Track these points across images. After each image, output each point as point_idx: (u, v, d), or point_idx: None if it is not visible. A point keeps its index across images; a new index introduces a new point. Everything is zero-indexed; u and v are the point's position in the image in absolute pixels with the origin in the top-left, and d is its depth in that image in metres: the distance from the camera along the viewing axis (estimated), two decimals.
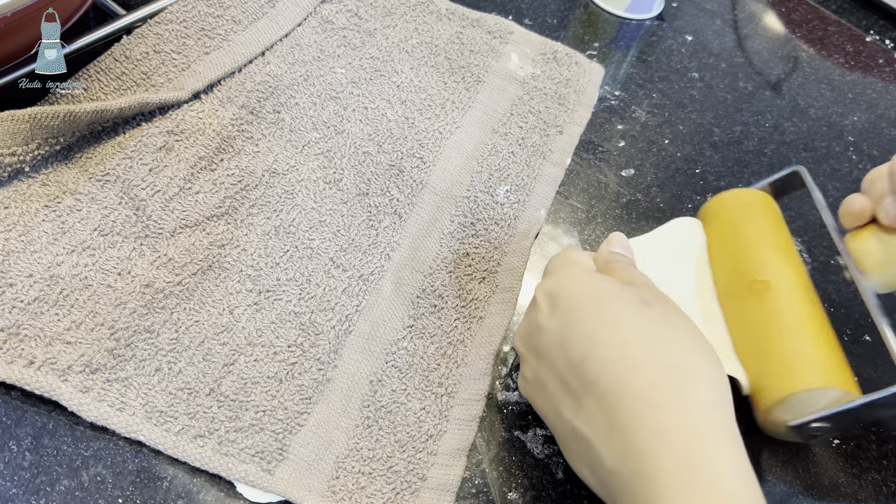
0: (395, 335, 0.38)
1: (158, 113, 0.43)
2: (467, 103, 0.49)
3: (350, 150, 0.45)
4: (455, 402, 0.36)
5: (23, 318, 0.34)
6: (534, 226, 0.44)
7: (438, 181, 0.44)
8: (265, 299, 0.38)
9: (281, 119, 0.45)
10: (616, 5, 0.59)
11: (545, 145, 0.48)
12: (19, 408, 0.33)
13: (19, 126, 0.37)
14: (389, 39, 0.51)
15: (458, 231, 0.43)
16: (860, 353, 0.43)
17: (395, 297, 0.40)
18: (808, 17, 0.65)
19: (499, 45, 0.53)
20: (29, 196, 0.38)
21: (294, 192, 0.42)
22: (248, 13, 0.48)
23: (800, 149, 0.54)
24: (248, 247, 0.40)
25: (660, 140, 0.52)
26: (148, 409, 0.33)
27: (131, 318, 0.35)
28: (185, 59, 0.45)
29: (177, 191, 0.40)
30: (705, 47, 0.59)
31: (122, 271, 0.37)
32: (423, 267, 0.41)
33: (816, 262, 0.47)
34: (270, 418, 0.34)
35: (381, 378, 0.37)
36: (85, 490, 0.32)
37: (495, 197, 0.45)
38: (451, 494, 0.34)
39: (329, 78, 0.48)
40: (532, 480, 0.35)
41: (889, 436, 0.40)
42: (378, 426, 0.35)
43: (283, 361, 0.36)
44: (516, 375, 0.38)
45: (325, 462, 0.34)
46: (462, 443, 0.35)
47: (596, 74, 0.54)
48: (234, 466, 0.33)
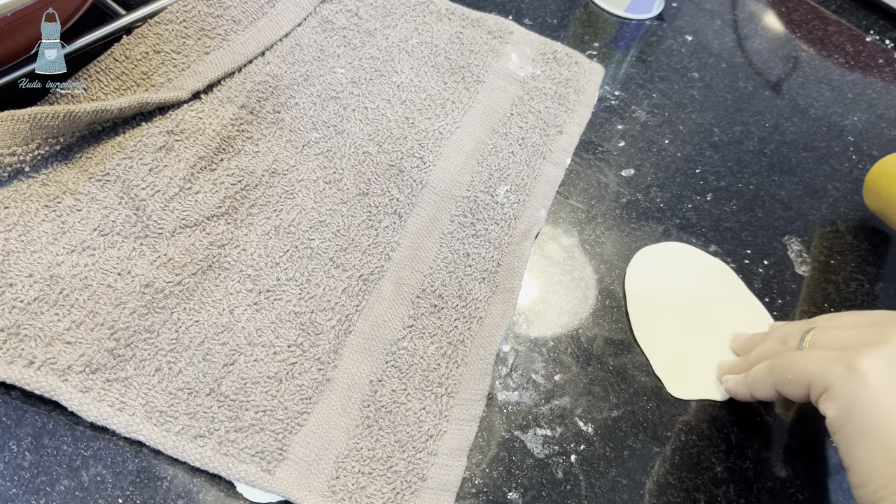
0: (395, 335, 0.38)
1: (158, 113, 0.43)
2: (467, 103, 0.49)
3: (350, 150, 0.45)
4: (455, 402, 0.36)
5: (23, 318, 0.34)
6: (534, 226, 0.44)
7: (438, 181, 0.44)
8: (265, 299, 0.38)
9: (281, 119, 0.45)
10: (616, 5, 0.59)
11: (545, 145, 0.48)
12: (19, 408, 0.33)
13: (19, 126, 0.37)
14: (389, 39, 0.51)
15: (458, 231, 0.43)
16: None
17: (396, 297, 0.40)
18: (808, 17, 0.65)
19: (499, 45, 0.53)
20: (29, 196, 0.38)
21: (294, 192, 0.42)
22: (248, 13, 0.48)
23: (800, 149, 0.54)
24: (248, 247, 0.40)
25: (660, 140, 0.52)
26: (148, 409, 0.33)
27: (131, 318, 0.35)
28: (185, 59, 0.45)
29: (177, 191, 0.40)
30: (705, 47, 0.59)
31: (122, 271, 0.37)
32: (423, 267, 0.41)
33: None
34: (270, 418, 0.34)
35: (381, 378, 0.37)
36: (85, 490, 0.32)
37: (495, 197, 0.45)
38: (451, 494, 0.34)
39: (329, 78, 0.48)
40: (532, 480, 0.35)
41: None
42: (378, 426, 0.35)
43: (283, 361, 0.36)
44: (516, 375, 0.39)
45: (325, 462, 0.34)
46: (462, 443, 0.35)
47: (596, 74, 0.54)
48: (234, 466, 0.33)
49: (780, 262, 0.47)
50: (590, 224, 0.46)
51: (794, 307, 0.44)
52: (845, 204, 0.51)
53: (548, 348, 0.40)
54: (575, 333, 0.41)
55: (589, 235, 0.46)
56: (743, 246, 0.47)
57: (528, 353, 0.40)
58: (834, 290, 0.46)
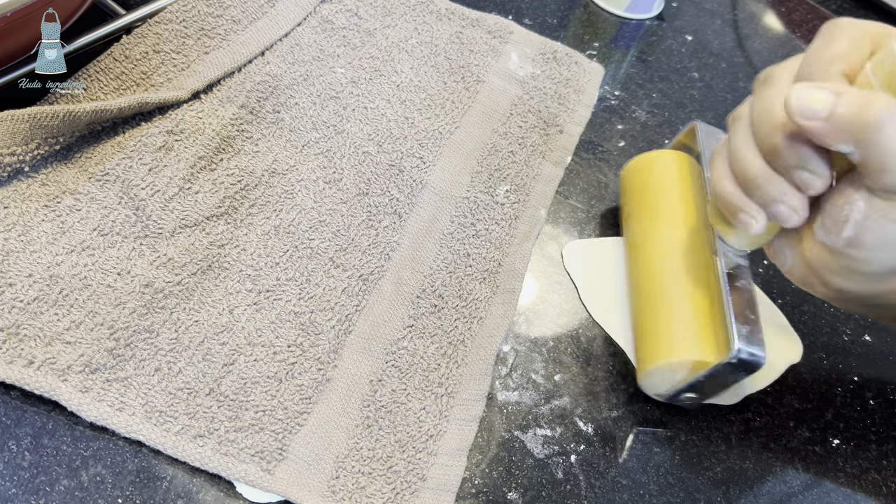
0: (396, 335, 0.38)
1: (158, 113, 0.43)
2: (467, 103, 0.49)
3: (350, 150, 0.45)
4: (455, 402, 0.36)
5: (22, 317, 0.34)
6: (534, 226, 0.44)
7: (438, 181, 0.44)
8: (265, 299, 0.38)
9: (280, 119, 0.45)
10: (616, 5, 0.59)
11: (545, 144, 0.48)
12: (19, 408, 0.33)
13: (19, 126, 0.37)
14: (389, 39, 0.51)
15: (458, 231, 0.43)
16: (860, 353, 0.43)
17: (396, 297, 0.40)
18: (808, 17, 0.65)
19: (499, 45, 0.53)
20: (28, 196, 0.38)
21: (294, 192, 0.42)
22: (248, 13, 0.48)
23: None
24: (247, 246, 0.40)
25: (660, 140, 0.52)
26: (147, 408, 0.33)
27: (131, 318, 0.35)
28: (185, 58, 0.45)
29: (176, 191, 0.40)
30: (705, 47, 0.59)
31: (121, 271, 0.37)
32: (423, 267, 0.41)
33: None
34: (270, 418, 0.34)
35: (382, 378, 0.37)
36: (84, 490, 0.32)
37: (495, 197, 0.45)
38: (451, 494, 0.34)
39: (329, 77, 0.48)
40: (532, 480, 0.35)
41: (889, 435, 0.40)
42: (378, 426, 0.35)
43: (283, 361, 0.36)
44: (516, 375, 0.39)
45: (325, 462, 0.34)
46: (462, 443, 0.35)
47: (596, 74, 0.54)
48: (233, 466, 0.33)
49: None
50: (590, 224, 0.46)
51: (795, 307, 0.44)
52: None
53: (548, 348, 0.40)
54: (575, 333, 0.41)
55: (589, 235, 0.46)
56: None
57: (528, 353, 0.40)
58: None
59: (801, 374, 0.42)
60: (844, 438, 0.39)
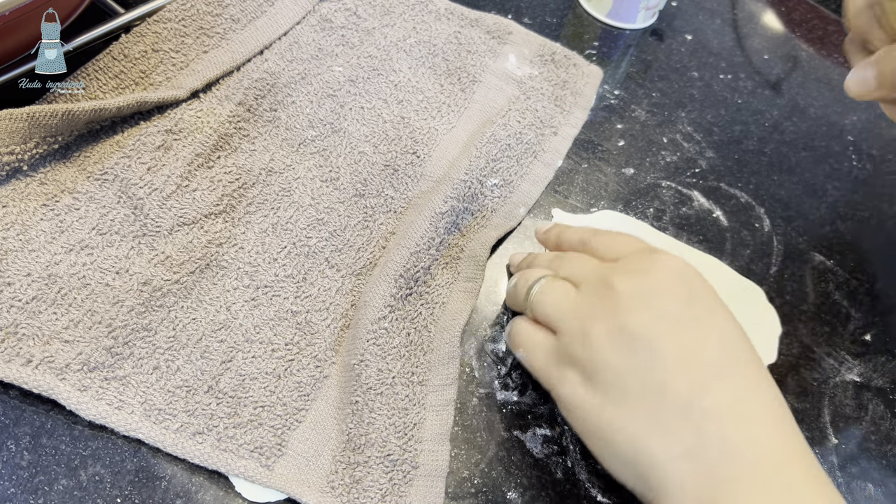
0: (377, 314, 0.38)
1: (157, 112, 0.43)
2: (463, 104, 0.49)
3: (346, 150, 0.45)
4: (428, 389, 0.37)
5: (21, 316, 0.34)
6: (509, 221, 0.44)
7: (434, 169, 0.45)
8: (263, 295, 0.38)
9: (277, 117, 0.45)
10: (599, 10, 0.59)
11: (538, 144, 0.48)
12: (17, 407, 0.33)
13: (17, 125, 0.37)
14: (388, 38, 0.51)
15: (448, 213, 0.42)
16: (860, 353, 0.43)
17: (381, 275, 0.39)
18: (808, 17, 0.65)
19: (497, 46, 0.53)
20: (27, 195, 0.38)
21: (291, 190, 0.42)
22: (247, 11, 0.48)
23: (799, 148, 0.53)
24: (245, 244, 0.40)
25: (659, 139, 0.52)
26: (146, 406, 0.33)
27: (129, 317, 0.35)
28: (184, 57, 0.45)
29: (174, 189, 0.40)
30: (705, 47, 0.59)
31: (120, 270, 0.37)
32: (409, 244, 0.40)
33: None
34: (269, 414, 0.34)
35: (364, 358, 0.36)
36: (83, 489, 0.31)
37: (483, 188, 0.45)
38: (441, 480, 0.34)
39: (327, 76, 0.48)
40: (532, 480, 0.35)
41: (889, 435, 0.40)
42: (369, 408, 0.35)
43: (281, 358, 0.36)
44: (516, 375, 0.38)
45: (324, 458, 0.34)
46: (442, 427, 0.36)
47: (594, 77, 0.54)
48: (233, 462, 0.33)
49: (779, 261, 0.46)
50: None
51: (795, 307, 0.44)
52: (844, 203, 0.51)
53: None
54: None
55: None
56: (743, 245, 0.47)
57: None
58: (835, 289, 0.46)
59: (800, 374, 0.42)
60: (844, 438, 0.39)
